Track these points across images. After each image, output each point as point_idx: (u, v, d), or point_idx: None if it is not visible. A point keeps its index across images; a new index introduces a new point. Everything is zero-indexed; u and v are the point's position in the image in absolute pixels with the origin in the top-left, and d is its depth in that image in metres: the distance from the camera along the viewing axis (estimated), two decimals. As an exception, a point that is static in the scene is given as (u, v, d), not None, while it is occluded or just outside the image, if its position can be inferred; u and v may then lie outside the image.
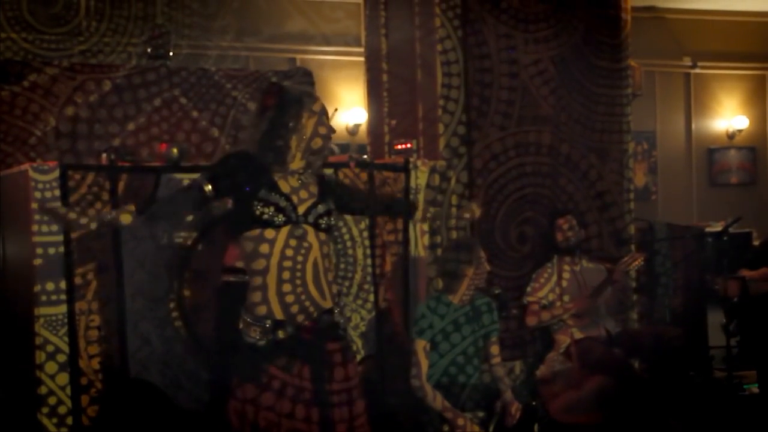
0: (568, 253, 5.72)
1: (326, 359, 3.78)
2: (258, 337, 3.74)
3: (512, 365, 5.78)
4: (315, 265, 3.79)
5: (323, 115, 3.94)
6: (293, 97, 3.91)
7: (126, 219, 3.86)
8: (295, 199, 3.83)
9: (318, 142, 3.91)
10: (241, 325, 3.79)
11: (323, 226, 3.85)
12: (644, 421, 5.11)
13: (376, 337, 4.98)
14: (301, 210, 3.82)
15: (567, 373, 5.28)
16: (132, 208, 3.88)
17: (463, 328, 4.87)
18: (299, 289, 3.75)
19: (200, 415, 4.51)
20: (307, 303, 3.76)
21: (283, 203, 3.78)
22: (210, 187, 3.81)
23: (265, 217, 3.74)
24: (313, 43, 9.12)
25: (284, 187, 3.84)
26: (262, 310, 3.75)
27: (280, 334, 3.74)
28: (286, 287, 3.74)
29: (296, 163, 3.90)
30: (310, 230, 3.80)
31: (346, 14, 8.95)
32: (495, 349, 4.99)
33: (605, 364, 5.25)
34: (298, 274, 3.75)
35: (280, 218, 3.74)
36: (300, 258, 3.76)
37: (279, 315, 3.74)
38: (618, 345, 5.54)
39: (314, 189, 3.93)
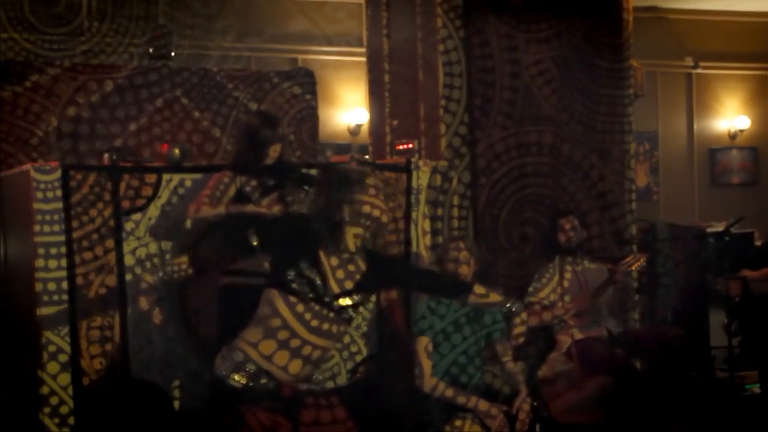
0: (569, 253, 5.72)
1: (298, 416, 3.78)
2: (238, 380, 3.73)
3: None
4: (322, 349, 3.81)
5: (378, 191, 3.93)
6: (349, 178, 3.88)
7: None
8: (332, 280, 3.81)
9: (376, 216, 3.89)
10: (222, 365, 3.78)
11: (346, 316, 3.84)
12: (646, 421, 5.11)
13: (378, 336, 4.99)
14: (334, 291, 3.82)
15: (568, 374, 5.27)
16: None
17: (464, 329, 4.87)
18: (295, 358, 3.75)
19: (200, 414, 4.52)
20: (295, 370, 3.78)
21: (318, 282, 3.77)
22: (256, 242, 3.81)
23: (296, 288, 3.74)
24: (315, 43, 9.12)
25: (326, 263, 3.82)
26: (253, 354, 3.73)
27: (263, 381, 3.74)
28: (281, 355, 3.75)
29: (346, 241, 3.89)
30: (333, 316, 3.82)
31: (348, 15, 8.95)
32: (504, 348, 4.98)
33: (607, 365, 5.25)
34: (304, 346, 3.76)
35: (309, 295, 3.74)
36: (312, 336, 3.77)
37: (266, 367, 3.75)
38: (619, 345, 5.53)
39: (360, 266, 3.89)
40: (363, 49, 6.81)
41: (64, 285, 4.51)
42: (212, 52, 7.94)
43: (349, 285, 3.83)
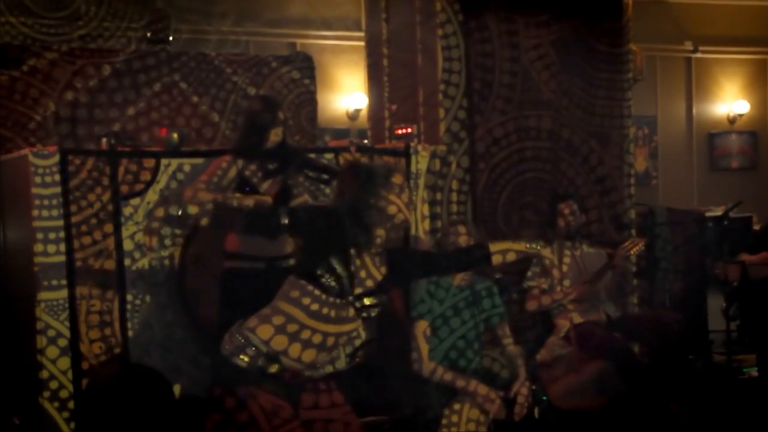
0: (568, 237, 5.72)
1: (298, 402, 3.77)
2: (246, 361, 3.72)
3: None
4: (336, 335, 3.80)
5: (402, 191, 3.87)
6: (374, 174, 3.85)
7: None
8: (356, 278, 3.80)
9: (400, 217, 3.85)
10: (229, 345, 3.78)
11: (364, 315, 3.85)
12: (644, 405, 5.12)
13: (377, 321, 4.99)
14: (356, 291, 3.80)
15: (567, 358, 5.28)
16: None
17: (463, 313, 4.87)
18: (307, 347, 3.75)
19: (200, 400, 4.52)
20: (306, 359, 3.77)
21: (345, 278, 3.75)
22: (287, 221, 3.80)
23: (322, 281, 3.74)
24: (314, 27, 9.08)
25: (353, 260, 3.80)
26: (264, 334, 3.75)
27: (271, 367, 3.74)
28: (295, 346, 3.74)
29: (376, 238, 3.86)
30: (353, 312, 3.82)
31: (347, -1, 8.93)
32: (504, 332, 4.98)
33: (605, 349, 5.26)
34: (315, 335, 3.75)
35: (334, 290, 3.74)
36: (329, 326, 3.76)
37: (276, 350, 3.73)
38: (618, 329, 5.54)
39: (382, 270, 3.87)
40: (362, 34, 6.79)
41: (63, 270, 4.51)
42: (210, 37, 7.91)
43: (370, 284, 3.84)
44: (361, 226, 3.78)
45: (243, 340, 3.71)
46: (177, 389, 4.71)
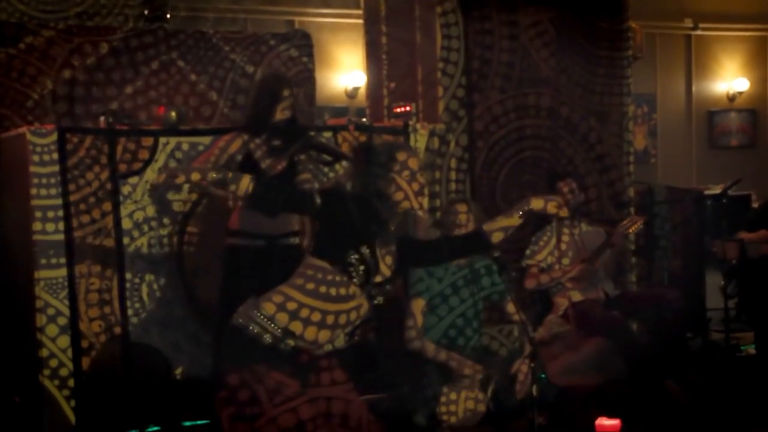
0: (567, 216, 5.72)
1: (309, 380, 3.79)
2: (265, 337, 3.74)
3: (511, 328, 5.81)
4: (348, 314, 3.83)
5: (415, 170, 3.91)
6: (377, 153, 3.89)
7: (242, 189, 3.84)
8: (380, 264, 3.87)
9: (405, 205, 3.90)
10: (243, 319, 3.78)
11: (375, 302, 3.90)
12: (642, 382, 5.14)
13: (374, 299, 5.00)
14: (377, 279, 3.87)
15: (565, 336, 5.30)
16: (247, 183, 3.85)
17: (462, 291, 4.88)
18: (322, 327, 3.77)
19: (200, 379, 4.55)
20: (320, 338, 3.80)
21: (371, 268, 3.81)
22: (320, 201, 3.81)
23: (351, 270, 3.77)
24: (312, 5, 9.04)
25: (380, 249, 3.86)
26: (282, 318, 3.75)
27: (285, 344, 3.75)
28: (313, 318, 3.77)
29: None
30: (365, 303, 3.87)
31: (345, -24, 8.88)
32: (510, 308, 4.99)
33: (603, 327, 5.27)
34: (327, 316, 3.79)
35: (360, 280, 3.79)
36: (337, 304, 3.80)
37: (293, 330, 3.75)
38: (616, 307, 5.55)
39: (394, 256, 3.92)
40: (360, 12, 6.75)
41: (62, 248, 4.51)
42: (208, 15, 7.87)
43: (387, 272, 3.88)
44: (381, 212, 3.82)
45: (259, 315, 3.73)
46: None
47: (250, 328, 3.73)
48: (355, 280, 3.80)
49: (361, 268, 3.80)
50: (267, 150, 4.58)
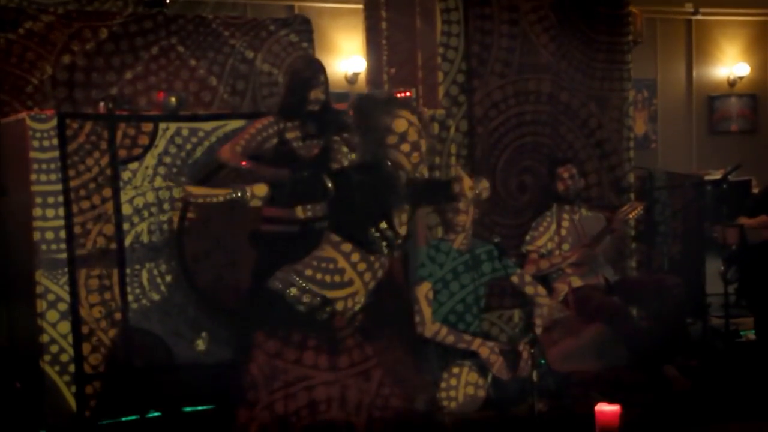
0: (567, 201, 5.72)
1: (340, 349, 3.88)
2: (303, 304, 3.76)
3: (511, 313, 5.81)
4: (375, 273, 3.90)
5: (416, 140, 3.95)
6: (375, 108, 3.94)
7: (256, 203, 3.90)
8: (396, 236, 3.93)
9: (416, 158, 3.96)
10: (280, 285, 3.81)
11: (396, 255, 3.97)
12: (642, 368, 5.15)
13: (375, 286, 5.00)
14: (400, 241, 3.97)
15: (565, 322, 5.30)
16: (264, 190, 3.87)
17: (462, 277, 4.88)
18: (351, 291, 3.86)
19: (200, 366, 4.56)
20: (352, 303, 3.89)
21: (392, 240, 3.91)
22: (331, 185, 3.85)
23: (375, 247, 3.88)
24: (312, -10, 9.03)
25: (395, 218, 3.93)
26: (319, 278, 3.79)
27: (322, 312, 3.80)
28: (346, 286, 3.86)
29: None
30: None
31: (345, -39, 8.85)
32: (522, 278, 5.01)
33: (603, 312, 5.28)
34: (364, 277, 3.88)
35: (383, 252, 3.90)
36: (370, 269, 3.89)
37: (330, 296, 3.82)
38: (616, 293, 5.56)
39: (408, 212, 3.97)
40: (360, -4, 6.73)
41: (62, 234, 4.51)
42: (208, 0, 7.86)
43: (404, 231, 3.97)
44: (388, 181, 3.85)
45: (297, 278, 3.78)
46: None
47: (288, 291, 3.78)
48: (378, 254, 3.86)
49: (384, 243, 3.86)
50: (302, 135, 4.60)
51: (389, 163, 3.93)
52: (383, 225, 3.87)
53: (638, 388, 5.00)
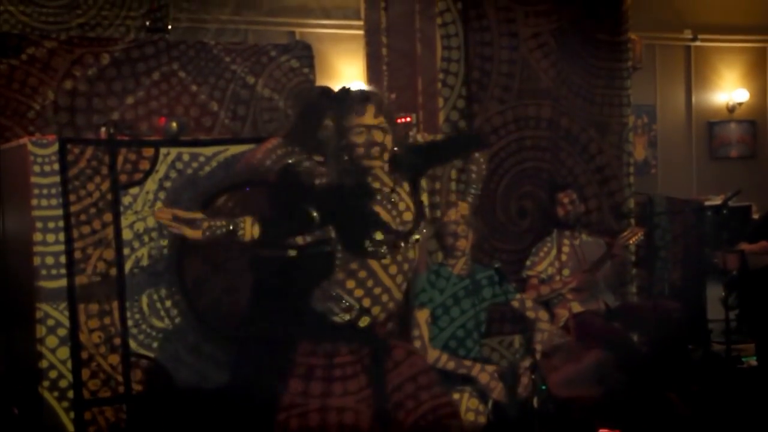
0: (568, 227, 5.72)
1: (387, 359, 3.75)
2: (341, 315, 3.72)
3: (511, 339, 5.80)
4: (401, 267, 3.76)
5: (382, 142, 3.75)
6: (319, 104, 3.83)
7: (248, 235, 3.64)
8: (397, 226, 3.74)
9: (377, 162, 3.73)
10: (319, 297, 3.75)
11: (412, 245, 3.79)
12: (643, 394, 5.13)
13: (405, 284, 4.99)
14: (403, 237, 3.75)
15: (566, 347, 5.29)
16: (257, 231, 3.67)
17: (463, 302, 4.88)
18: (385, 293, 3.74)
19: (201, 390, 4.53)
20: (390, 304, 3.76)
21: (392, 241, 3.70)
22: (315, 214, 3.76)
23: (371, 251, 3.69)
24: (313, 16, 9.06)
25: (385, 215, 3.74)
26: (358, 292, 3.73)
27: (362, 322, 3.73)
28: (377, 289, 3.73)
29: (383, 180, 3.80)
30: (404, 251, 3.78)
31: (346, -13, 8.90)
32: (522, 302, 4.99)
33: (604, 338, 5.27)
34: (388, 278, 3.74)
35: (387, 254, 3.70)
36: (393, 268, 3.74)
37: (366, 304, 3.71)
38: (617, 319, 5.55)
39: (411, 198, 3.81)
40: (361, 22, 6.77)
41: (62, 259, 4.51)
42: (209, 25, 7.89)
43: (408, 216, 3.77)
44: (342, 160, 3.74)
45: (335, 296, 3.71)
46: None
47: (333, 307, 3.70)
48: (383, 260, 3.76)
49: (382, 249, 3.74)
50: (309, 162, 4.59)
51: (354, 168, 3.80)
52: (378, 236, 3.75)
53: (639, 414, 4.98)
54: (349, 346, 3.71)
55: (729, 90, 10.87)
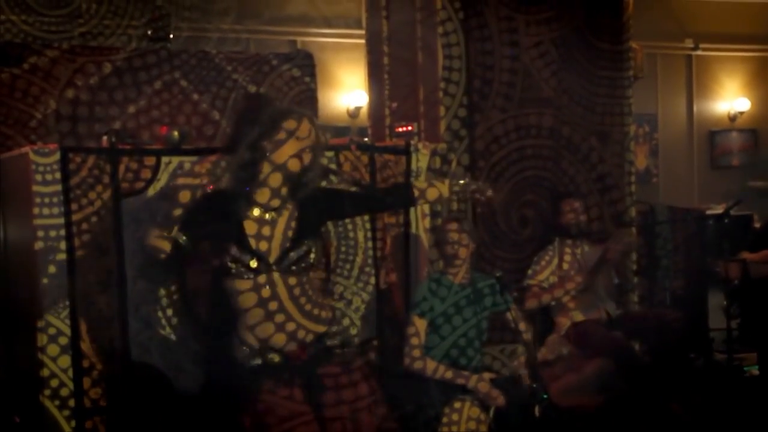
0: (570, 236, 5.72)
1: (319, 384, 3.76)
2: (248, 360, 3.72)
3: (513, 348, 5.80)
4: (295, 299, 3.77)
5: (301, 137, 3.79)
6: (267, 115, 3.78)
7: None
8: (264, 246, 3.74)
9: (295, 165, 3.77)
10: (239, 352, 3.77)
11: (296, 270, 3.79)
12: (644, 403, 5.12)
13: (377, 319, 4.99)
14: (272, 258, 3.76)
15: (567, 356, 5.29)
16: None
17: (464, 311, 4.87)
18: (285, 323, 3.74)
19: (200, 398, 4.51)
20: (299, 332, 3.76)
21: (249, 259, 3.72)
22: (185, 238, 3.76)
23: (234, 272, 3.72)
24: (314, 25, 9.08)
25: (251, 229, 3.73)
26: (250, 339, 3.73)
27: (273, 358, 3.73)
28: (267, 326, 3.73)
29: (265, 195, 3.80)
30: (280, 280, 3.76)
31: (347, -4, 8.92)
32: (515, 316, 4.98)
33: (606, 347, 5.26)
34: (279, 311, 3.74)
35: (249, 275, 3.71)
36: (274, 302, 3.75)
37: (267, 343, 3.74)
38: (619, 327, 5.55)
39: (293, 222, 3.81)
40: (362, 31, 6.78)
41: (64, 268, 4.50)
42: (211, 35, 7.91)
43: (287, 244, 3.78)
44: (248, 175, 3.72)
45: (242, 344, 3.71)
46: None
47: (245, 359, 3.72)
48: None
49: (238, 266, 3.73)
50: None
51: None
52: (236, 249, 3.72)
53: (641, 423, 4.97)
54: (279, 383, 3.70)
55: (730, 99, 10.88)
